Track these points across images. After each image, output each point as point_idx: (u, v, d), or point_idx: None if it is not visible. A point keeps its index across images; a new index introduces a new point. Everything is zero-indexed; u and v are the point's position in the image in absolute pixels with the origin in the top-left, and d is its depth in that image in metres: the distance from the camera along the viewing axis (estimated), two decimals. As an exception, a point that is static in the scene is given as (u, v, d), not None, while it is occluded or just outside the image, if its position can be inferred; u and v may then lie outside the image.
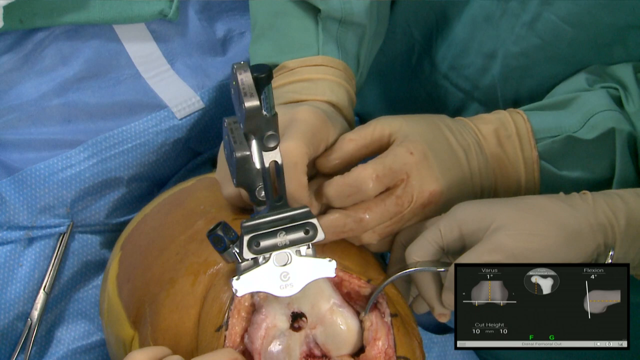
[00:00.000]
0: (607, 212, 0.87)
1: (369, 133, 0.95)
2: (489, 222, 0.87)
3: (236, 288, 0.82)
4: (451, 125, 0.99)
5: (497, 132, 1.00)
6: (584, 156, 0.98)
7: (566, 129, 0.99)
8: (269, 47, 1.10)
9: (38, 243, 1.15)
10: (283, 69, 1.06)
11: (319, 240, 0.83)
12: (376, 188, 0.92)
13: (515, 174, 0.99)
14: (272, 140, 0.81)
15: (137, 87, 1.23)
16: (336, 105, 1.03)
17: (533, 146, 0.99)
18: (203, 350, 0.86)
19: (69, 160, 1.15)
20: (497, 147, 0.99)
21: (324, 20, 1.07)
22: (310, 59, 1.06)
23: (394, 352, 0.86)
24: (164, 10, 1.24)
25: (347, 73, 1.07)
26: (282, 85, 1.05)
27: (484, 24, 1.10)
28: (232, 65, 0.79)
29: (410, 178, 0.93)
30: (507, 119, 1.01)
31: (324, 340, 0.87)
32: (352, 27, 1.09)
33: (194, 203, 1.03)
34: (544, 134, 0.99)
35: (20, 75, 1.19)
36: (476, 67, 1.14)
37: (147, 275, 0.97)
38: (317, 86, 1.03)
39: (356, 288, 0.89)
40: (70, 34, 1.22)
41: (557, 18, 1.02)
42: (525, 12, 1.04)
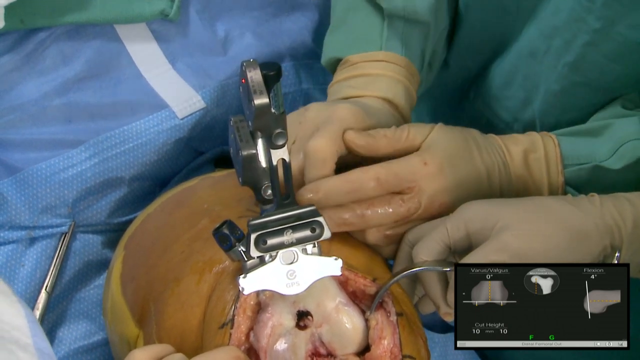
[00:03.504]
0: (614, 214, 0.87)
1: (403, 136, 0.96)
2: (495, 222, 0.87)
3: (243, 286, 0.81)
4: (480, 141, 0.99)
5: (525, 153, 0.99)
6: (610, 184, 0.97)
7: (596, 157, 0.98)
8: (339, 40, 1.13)
9: (40, 243, 1.15)
10: (346, 63, 1.09)
11: (326, 238, 0.83)
12: (376, 189, 0.92)
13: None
14: (281, 138, 0.81)
15: (138, 86, 1.22)
16: (392, 101, 1.04)
17: (560, 171, 0.99)
18: (207, 348, 0.86)
19: (70, 160, 1.15)
20: (523, 168, 0.99)
21: (389, 18, 1.09)
22: (372, 54, 1.08)
23: (400, 351, 0.86)
24: (165, 10, 1.24)
25: (409, 69, 1.08)
26: (343, 79, 1.07)
27: (529, 58, 1.09)
28: (241, 63, 0.79)
29: (419, 186, 0.93)
30: (538, 141, 1.01)
31: (330, 338, 0.86)
32: (418, 25, 1.10)
33: (197, 202, 1.03)
34: (573, 160, 0.99)
35: (21, 75, 1.19)
36: (518, 99, 1.14)
37: (152, 274, 0.97)
38: (375, 82, 1.05)
39: (362, 287, 0.89)
40: (71, 33, 1.22)
41: (603, 58, 1.01)
42: (569, 53, 1.03)
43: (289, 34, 1.34)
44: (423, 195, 0.93)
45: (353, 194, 0.92)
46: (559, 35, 1.03)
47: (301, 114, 0.99)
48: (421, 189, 0.93)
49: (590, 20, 0.99)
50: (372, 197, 0.93)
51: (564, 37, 1.03)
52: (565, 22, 1.02)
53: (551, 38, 1.05)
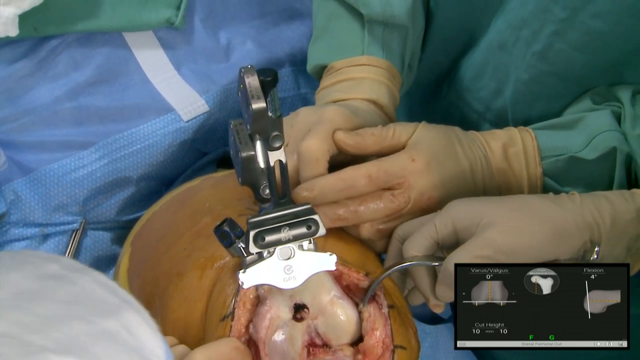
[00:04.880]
0: (594, 211, 0.87)
1: (389, 134, 0.96)
2: (481, 219, 0.86)
3: (242, 280, 0.82)
4: (462, 137, 0.99)
5: (504, 147, 0.99)
6: (586, 174, 0.98)
7: (571, 149, 0.98)
8: (322, 48, 1.13)
9: (52, 239, 1.15)
10: (331, 69, 1.10)
11: (321, 235, 0.83)
12: (367, 186, 0.92)
13: (518, 188, 0.99)
14: (277, 140, 0.82)
15: (145, 91, 1.23)
16: (376, 102, 1.05)
17: (538, 163, 0.99)
18: (209, 339, 0.86)
19: (81, 161, 1.15)
20: (503, 161, 0.99)
21: (369, 24, 1.10)
22: (355, 59, 1.08)
23: (391, 342, 0.86)
24: (171, 19, 1.24)
25: (391, 71, 1.09)
26: (330, 85, 1.08)
27: (499, 50, 1.09)
28: (239, 69, 0.80)
29: (408, 182, 0.93)
30: (516, 135, 1.01)
31: (325, 330, 0.86)
32: (397, 28, 1.11)
33: (199, 201, 1.03)
34: (550, 152, 0.99)
35: (34, 81, 1.19)
36: (489, 90, 1.14)
37: (157, 270, 0.97)
38: (360, 85, 1.06)
39: (355, 281, 0.88)
40: (82, 41, 1.22)
41: (569, 47, 1.01)
42: (537, 42, 1.03)
43: (288, 42, 1.34)
44: (412, 190, 0.93)
45: (346, 191, 0.92)
46: (527, 26, 1.03)
47: (292, 118, 0.99)
48: (410, 184, 0.93)
49: (556, 10, 0.99)
50: (364, 194, 0.93)
51: (532, 27, 1.03)
52: (533, 13, 1.02)
53: (519, 29, 1.05)
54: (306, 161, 0.93)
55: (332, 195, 0.92)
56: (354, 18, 1.12)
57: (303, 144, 0.93)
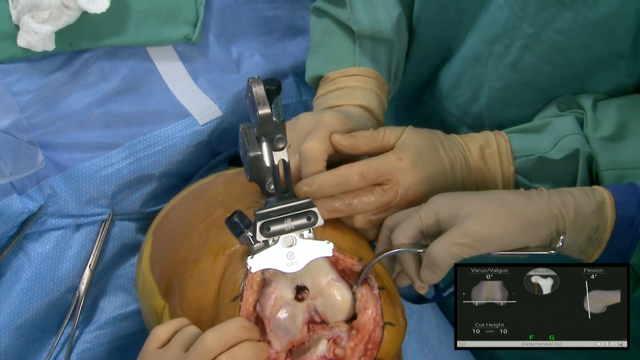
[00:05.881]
0: (559, 205, 0.87)
1: (379, 137, 0.96)
2: (460, 211, 0.86)
3: (250, 265, 0.82)
4: (444, 140, 0.99)
5: (481, 148, 0.99)
6: (553, 172, 0.98)
7: (540, 150, 0.98)
8: (319, 60, 1.14)
9: (84, 229, 1.15)
10: (327, 79, 1.10)
11: (319, 225, 0.84)
12: (360, 182, 0.92)
13: (494, 185, 0.99)
14: (281, 142, 0.82)
15: (166, 98, 1.22)
16: (367, 107, 1.05)
17: (511, 162, 0.99)
18: (222, 318, 0.86)
19: (109, 160, 1.15)
20: (480, 161, 0.99)
21: (359, 38, 1.10)
22: (347, 70, 1.09)
23: (382, 319, 0.86)
24: (189, 35, 1.24)
25: (379, 80, 1.09)
26: (325, 93, 1.08)
27: (474, 62, 1.09)
28: (247, 80, 0.80)
29: (396, 178, 0.93)
30: (492, 138, 1.01)
31: (323, 309, 0.87)
32: (384, 42, 1.11)
33: (213, 195, 1.03)
34: (521, 153, 0.99)
35: (68, 89, 1.18)
36: (466, 97, 1.14)
37: (175, 256, 0.97)
38: (352, 93, 1.06)
39: (349, 266, 0.88)
40: (110, 54, 1.22)
41: (537, 59, 1.01)
42: (508, 55, 1.03)
43: (291, 55, 1.33)
44: (399, 185, 0.94)
45: (341, 186, 0.92)
46: (499, 41, 1.04)
47: (293, 122, 1.00)
48: (398, 180, 0.93)
49: (525, 26, 0.99)
50: (357, 189, 0.93)
51: (503, 42, 1.03)
52: (504, 29, 1.02)
53: (492, 44, 1.05)
54: (307, 160, 0.93)
55: (329, 190, 0.92)
56: (346, 34, 1.12)
57: (304, 145, 0.93)
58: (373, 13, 1.12)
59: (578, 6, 0.94)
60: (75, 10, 1.14)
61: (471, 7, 1.07)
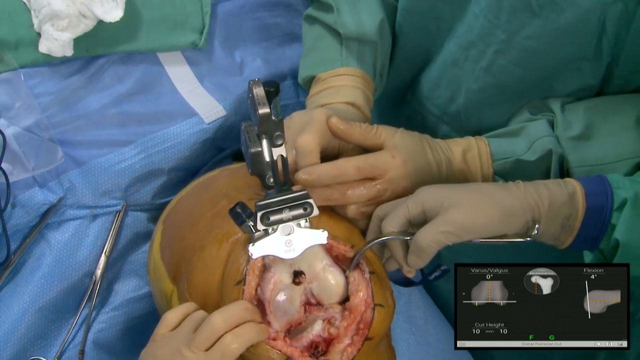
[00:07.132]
0: (535, 196, 0.86)
1: (372, 131, 0.95)
2: (444, 201, 0.85)
3: (252, 252, 0.81)
4: (431, 143, 0.98)
5: (464, 152, 0.99)
6: (528, 172, 0.97)
7: (516, 152, 0.98)
8: (310, 63, 1.13)
9: (100, 219, 1.13)
10: (318, 80, 1.09)
11: (315, 215, 0.83)
12: (356, 175, 0.91)
13: None
14: (279, 139, 0.81)
15: (174, 99, 1.21)
16: (354, 104, 1.04)
17: (490, 165, 0.99)
18: (226, 300, 0.85)
19: (123, 156, 1.13)
20: (462, 163, 0.98)
21: (346, 41, 1.10)
22: (335, 70, 1.08)
23: (372, 301, 0.85)
24: (196, 41, 1.24)
25: (365, 79, 1.08)
26: (317, 92, 1.07)
27: (452, 66, 1.08)
28: (248, 82, 0.79)
29: (388, 174, 0.92)
30: (473, 143, 1.00)
31: (318, 292, 0.86)
32: (368, 44, 1.11)
33: (218, 188, 1.02)
34: (499, 156, 0.99)
35: (86, 91, 1.17)
36: (445, 98, 1.13)
37: (183, 244, 0.96)
38: (340, 91, 1.05)
39: (343, 252, 0.87)
40: (124, 59, 1.20)
41: (509, 63, 1.00)
42: (483, 59, 1.03)
43: (290, 59, 1.32)
44: (391, 181, 0.93)
45: (338, 177, 0.91)
46: (474, 46, 1.03)
47: (288, 120, 0.98)
48: (389, 176, 0.92)
49: (497, 33, 0.99)
50: (351, 181, 0.92)
51: (478, 47, 1.02)
52: (479, 36, 1.01)
53: (468, 49, 1.04)
54: (302, 152, 0.92)
55: (326, 180, 0.91)
56: (333, 37, 1.12)
57: (299, 139, 0.92)
58: (358, 17, 1.11)
59: (547, 14, 0.93)
60: (92, 19, 1.14)
61: (449, 15, 1.06)
